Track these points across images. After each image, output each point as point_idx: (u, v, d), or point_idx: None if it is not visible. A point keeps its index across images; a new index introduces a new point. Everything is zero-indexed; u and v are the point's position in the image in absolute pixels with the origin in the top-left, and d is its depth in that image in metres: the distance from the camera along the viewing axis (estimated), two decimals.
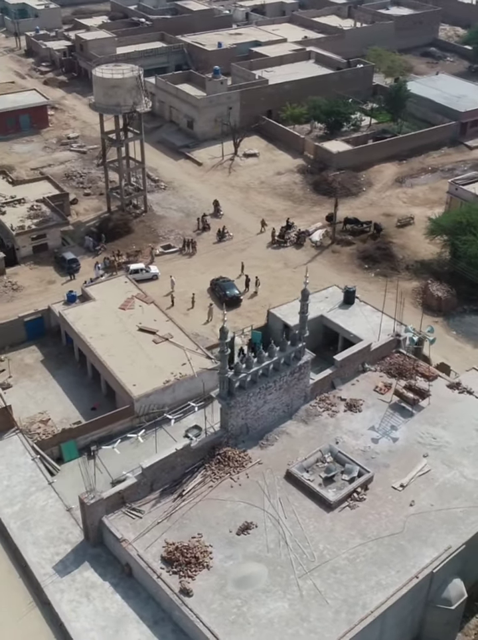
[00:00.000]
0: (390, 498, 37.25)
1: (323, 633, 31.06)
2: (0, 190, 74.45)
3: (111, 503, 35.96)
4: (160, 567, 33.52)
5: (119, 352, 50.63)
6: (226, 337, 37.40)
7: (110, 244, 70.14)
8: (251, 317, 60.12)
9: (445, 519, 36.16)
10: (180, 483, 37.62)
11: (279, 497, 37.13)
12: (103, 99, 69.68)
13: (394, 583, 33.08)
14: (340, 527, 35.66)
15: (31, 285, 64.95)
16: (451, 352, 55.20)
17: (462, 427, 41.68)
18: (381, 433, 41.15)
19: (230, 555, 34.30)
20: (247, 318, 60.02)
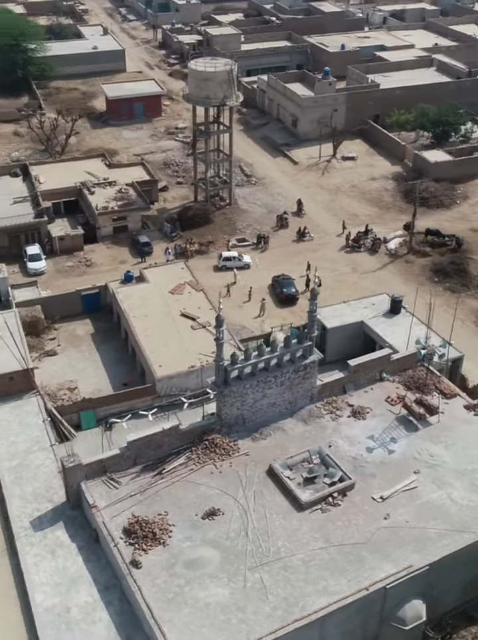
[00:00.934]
0: (365, 508, 36.46)
1: (254, 626, 31.10)
2: (97, 172, 78.19)
3: (92, 470, 37.48)
4: (120, 537, 34.68)
5: (156, 333, 52.28)
6: (222, 325, 38.00)
7: (187, 233, 72.11)
8: (303, 316, 59.88)
9: (416, 538, 34.95)
10: (163, 462, 38.67)
11: (254, 490, 37.28)
12: (195, 91, 71.60)
13: (341, 591, 32.48)
14: (306, 528, 35.37)
15: (104, 263, 68.00)
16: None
17: (465, 449, 39.98)
18: (378, 444, 40.23)
19: (189, 536, 34.93)
20: (299, 317, 59.85)
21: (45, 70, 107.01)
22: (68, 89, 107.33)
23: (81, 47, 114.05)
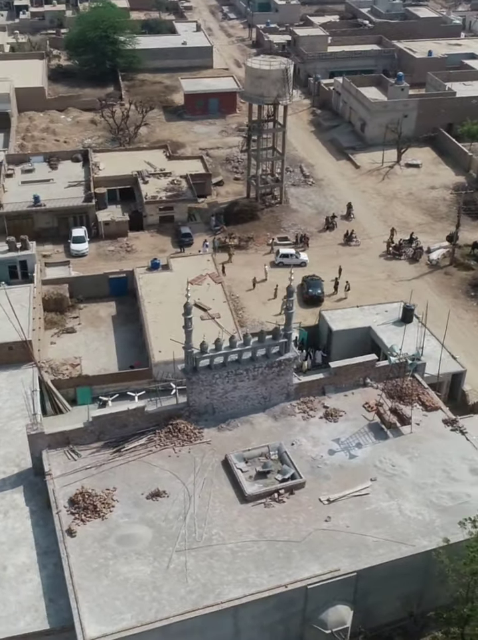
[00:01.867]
0: (309, 508, 36.29)
1: (165, 605, 31.70)
2: (156, 162, 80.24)
3: (55, 440, 39.04)
4: (64, 506, 36.07)
5: (165, 320, 53.35)
6: (189, 313, 38.76)
7: (231, 227, 72.98)
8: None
9: (352, 544, 34.54)
10: (125, 440, 39.80)
11: (205, 477, 37.80)
12: (249, 88, 72.38)
13: (260, 585, 32.60)
14: (243, 520, 35.60)
15: (144, 250, 69.85)
16: None
17: (430, 463, 38.98)
18: (342, 447, 39.83)
19: (128, 514, 35.90)
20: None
21: (133, 63, 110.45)
22: (152, 82, 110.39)
23: (171, 42, 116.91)
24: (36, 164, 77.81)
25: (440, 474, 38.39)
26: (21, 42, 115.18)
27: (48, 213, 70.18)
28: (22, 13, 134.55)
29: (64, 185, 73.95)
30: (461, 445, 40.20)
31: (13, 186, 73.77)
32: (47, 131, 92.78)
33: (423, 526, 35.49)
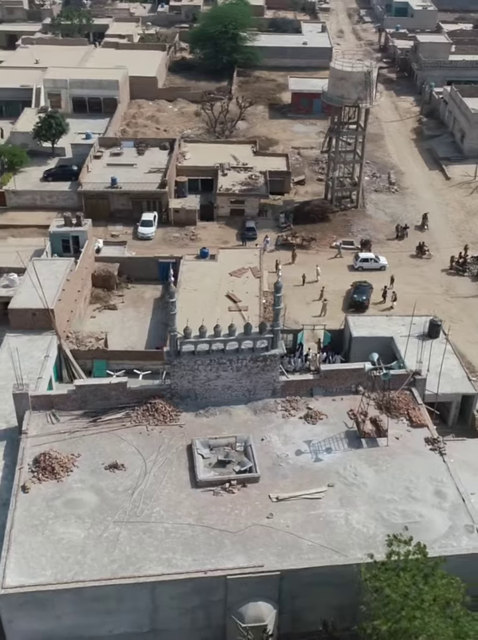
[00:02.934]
0: (256, 503, 36.23)
1: (83, 571, 32.76)
2: (242, 157, 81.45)
3: (39, 403, 41.09)
4: (28, 464, 38.05)
5: (192, 307, 54.34)
6: (173, 296, 39.69)
7: (299, 227, 72.98)
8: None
9: (286, 543, 34.24)
10: (104, 413, 41.30)
11: (167, 458, 38.63)
12: (331, 89, 71.97)
13: (181, 567, 33.11)
14: (188, 503, 36.13)
15: (207, 240, 71.20)
16: None
17: (395, 478, 37.76)
18: (311, 450, 39.36)
19: (83, 480, 37.29)
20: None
21: (250, 59, 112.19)
22: (266, 79, 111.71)
23: (291, 41, 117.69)
24: (126, 149, 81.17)
25: (401, 491, 37.16)
26: (148, 34, 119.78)
27: (124, 195, 73.14)
28: (160, 6, 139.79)
29: (144, 171, 76.69)
30: (435, 466, 38.64)
31: (98, 167, 77.38)
32: (151, 119, 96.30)
33: (364, 539, 34.59)
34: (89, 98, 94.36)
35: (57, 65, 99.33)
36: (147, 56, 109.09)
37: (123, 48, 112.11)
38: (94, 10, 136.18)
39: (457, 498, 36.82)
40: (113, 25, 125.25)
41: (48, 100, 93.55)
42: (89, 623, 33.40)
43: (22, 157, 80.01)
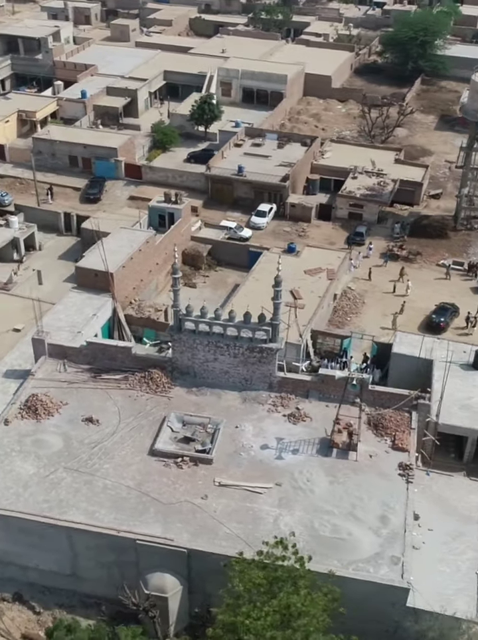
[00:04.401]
0: (199, 482, 37.09)
1: (18, 503, 35.77)
2: (381, 162, 79.83)
3: (55, 351, 44.61)
4: (20, 402, 41.53)
5: (250, 296, 55.18)
6: (177, 272, 41.06)
7: (413, 239, 70.54)
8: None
9: (205, 526, 34.89)
10: (107, 372, 43.81)
11: (140, 423, 40.38)
12: (469, 102, 68.55)
13: (100, 521, 34.84)
14: (135, 467, 37.78)
15: (315, 238, 71.10)
16: None
17: (346, 493, 36.62)
18: (277, 447, 39.20)
19: (58, 425, 40.20)
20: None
21: (438, 68, 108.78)
22: (449, 90, 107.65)
23: None
24: (268, 141, 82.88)
25: (345, 506, 36.00)
26: (343, 34, 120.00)
27: (247, 184, 75.04)
28: (372, 9, 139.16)
29: (275, 163, 77.98)
30: (394, 491, 36.86)
31: (235, 155, 79.87)
32: (315, 117, 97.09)
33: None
34: (258, 90, 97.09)
35: (240, 56, 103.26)
36: (332, 55, 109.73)
37: (312, 46, 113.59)
38: (305, 9, 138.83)
39: (399, 527, 35.06)
40: (314, 23, 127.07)
41: (220, 88, 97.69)
42: (17, 552, 36.28)
43: (173, 137, 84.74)
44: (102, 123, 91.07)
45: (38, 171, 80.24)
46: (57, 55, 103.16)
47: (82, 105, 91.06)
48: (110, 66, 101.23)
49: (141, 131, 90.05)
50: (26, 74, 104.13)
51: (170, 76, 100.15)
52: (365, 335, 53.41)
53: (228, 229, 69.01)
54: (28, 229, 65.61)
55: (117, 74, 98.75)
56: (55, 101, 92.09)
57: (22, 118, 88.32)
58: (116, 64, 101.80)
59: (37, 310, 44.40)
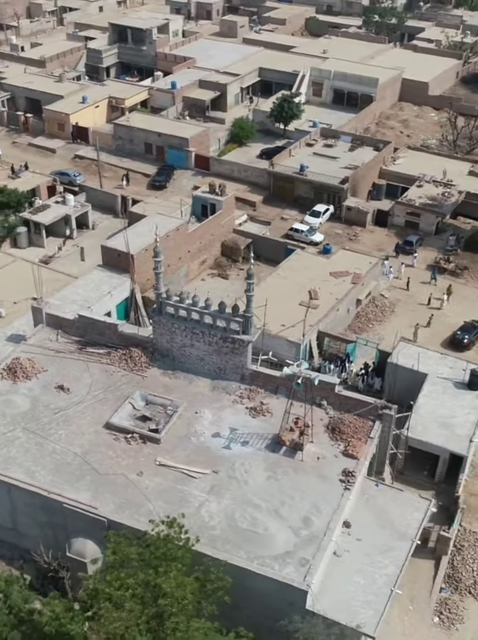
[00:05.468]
0: (140, 459, 38.13)
1: None
2: (453, 173, 77.21)
3: (51, 320, 46.72)
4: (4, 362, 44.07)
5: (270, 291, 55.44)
6: (159, 255, 42.10)
7: (467, 254, 68.06)
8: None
9: (131, 500, 35.91)
10: (94, 345, 45.55)
11: (106, 397, 41.78)
12: None
13: (38, 482, 36.58)
14: (87, 437, 39.19)
15: (365, 243, 70.17)
16: None
17: (278, 490, 36.50)
18: (228, 437, 39.49)
19: (31, 389, 42.30)
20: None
21: None
22: None
23: None
24: (341, 143, 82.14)
25: (274, 503, 35.90)
26: (455, 41, 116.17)
27: (307, 184, 74.96)
28: None
29: (341, 165, 77.31)
30: (328, 496, 36.33)
31: (303, 154, 79.82)
32: (403, 123, 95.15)
33: (197, 526, 34.40)
34: (349, 92, 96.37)
35: (340, 57, 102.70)
36: (436, 62, 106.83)
37: (420, 52, 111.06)
38: (427, 14, 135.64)
39: (319, 531, 34.65)
40: (430, 29, 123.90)
41: (311, 88, 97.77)
42: None
43: (249, 132, 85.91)
44: (189, 115, 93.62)
45: (115, 156, 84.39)
46: (161, 47, 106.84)
47: (171, 96, 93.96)
48: (209, 60, 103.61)
49: (225, 125, 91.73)
50: (131, 63, 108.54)
51: (264, 73, 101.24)
52: (369, 342, 52.44)
53: (299, 231, 68.70)
54: (82, 208, 68.83)
55: (214, 68, 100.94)
56: (146, 90, 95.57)
57: (112, 104, 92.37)
58: (215, 59, 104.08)
59: (37, 278, 46.90)
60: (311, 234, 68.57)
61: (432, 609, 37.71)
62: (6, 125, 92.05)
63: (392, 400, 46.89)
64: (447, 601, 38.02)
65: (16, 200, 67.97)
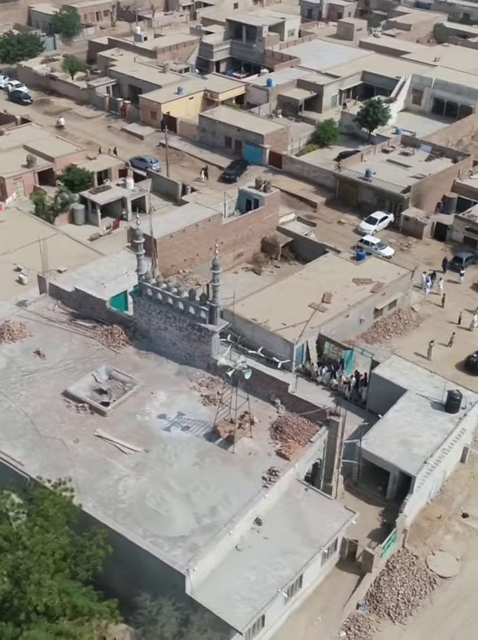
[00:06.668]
0: (82, 428, 39.75)
1: None
2: None
3: (54, 290, 49.30)
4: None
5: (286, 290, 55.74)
6: (139, 238, 43.50)
7: None
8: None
9: (58, 464, 37.50)
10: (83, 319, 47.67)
11: (76, 367, 43.73)
12: None
13: None
14: (42, 401, 41.26)
15: (415, 256, 68.48)
16: None
17: (199, 478, 37.06)
18: (172, 420, 40.40)
19: (12, 350, 44.88)
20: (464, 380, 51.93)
21: None
22: None
23: None
24: (420, 152, 79.89)
25: (188, 488, 36.56)
26: None
27: (370, 190, 73.71)
28: None
29: (410, 174, 75.30)
30: (244, 491, 36.44)
31: (375, 159, 78.45)
32: None
33: (107, 498, 35.89)
34: (448, 102, 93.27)
35: (452, 66, 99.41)
36: None
37: None
38: None
39: (221, 522, 34.89)
40: None
41: (411, 95, 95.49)
42: None
43: (331, 134, 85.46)
44: (282, 113, 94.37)
45: (198, 147, 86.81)
46: (270, 44, 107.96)
47: (266, 93, 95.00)
48: (314, 61, 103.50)
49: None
50: (241, 59, 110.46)
51: (367, 77, 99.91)
52: (365, 352, 51.26)
53: (369, 244, 67.29)
54: (140, 192, 71.49)
55: (317, 68, 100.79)
56: (243, 86, 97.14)
57: (207, 97, 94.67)
58: (321, 60, 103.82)
59: (42, 251, 49.69)
60: (381, 248, 66.98)
61: (341, 623, 36.91)
62: (107, 110, 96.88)
63: (373, 411, 46.50)
64: (358, 618, 37.06)
65: (80, 179, 71.74)
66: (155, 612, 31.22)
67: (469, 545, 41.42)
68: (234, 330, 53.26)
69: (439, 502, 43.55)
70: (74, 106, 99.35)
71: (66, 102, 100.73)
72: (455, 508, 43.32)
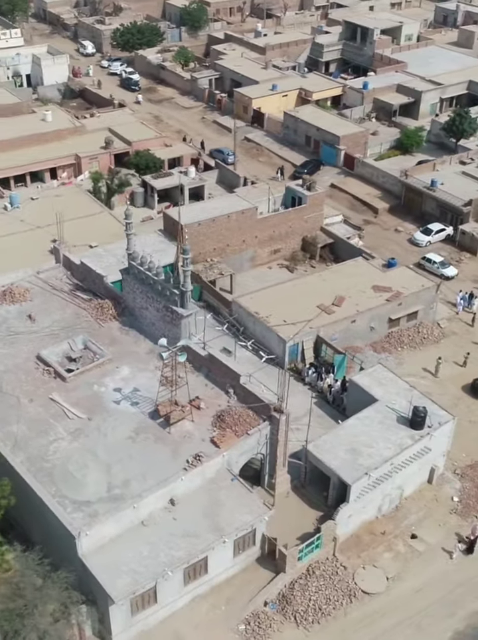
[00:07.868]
0: (41, 390, 42.16)
1: None
2: None
3: (66, 262, 52.02)
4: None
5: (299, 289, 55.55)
6: (130, 218, 45.01)
7: None
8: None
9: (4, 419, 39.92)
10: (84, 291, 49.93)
11: (59, 334, 46.11)
12: None
13: None
14: (17, 361, 43.97)
15: (463, 271, 65.54)
16: None
17: (124, 452, 38.41)
18: (124, 394, 41.93)
19: (8, 311, 48.09)
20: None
21: None
22: None
23: None
24: None
25: (112, 458, 38.09)
26: None
27: (433, 200, 71.33)
28: None
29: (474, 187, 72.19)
30: (163, 470, 37.39)
31: (449, 170, 75.38)
32: None
33: (39, 454, 37.82)
34: None
35: None
36: None
37: None
38: None
39: (129, 495, 35.99)
40: None
41: None
42: None
43: (415, 141, 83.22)
44: (376, 117, 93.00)
45: (279, 143, 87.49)
46: (381, 48, 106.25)
47: (361, 96, 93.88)
48: (422, 67, 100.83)
49: None
50: (351, 60, 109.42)
51: (473, 86, 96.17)
52: (355, 358, 50.12)
53: (431, 262, 64.82)
54: (200, 181, 73.08)
55: (422, 74, 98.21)
56: (340, 87, 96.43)
57: (301, 96, 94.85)
58: (430, 66, 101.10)
59: (58, 225, 52.45)
60: (444, 267, 64.46)
61: (243, 617, 36.85)
62: (206, 102, 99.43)
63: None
64: (260, 614, 36.84)
65: (145, 163, 74.46)
66: (23, 564, 32.92)
67: (406, 566, 39.98)
68: (238, 321, 54.10)
69: (390, 518, 42.21)
70: (176, 96, 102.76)
71: (171, 91, 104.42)
72: (405, 528, 41.87)
